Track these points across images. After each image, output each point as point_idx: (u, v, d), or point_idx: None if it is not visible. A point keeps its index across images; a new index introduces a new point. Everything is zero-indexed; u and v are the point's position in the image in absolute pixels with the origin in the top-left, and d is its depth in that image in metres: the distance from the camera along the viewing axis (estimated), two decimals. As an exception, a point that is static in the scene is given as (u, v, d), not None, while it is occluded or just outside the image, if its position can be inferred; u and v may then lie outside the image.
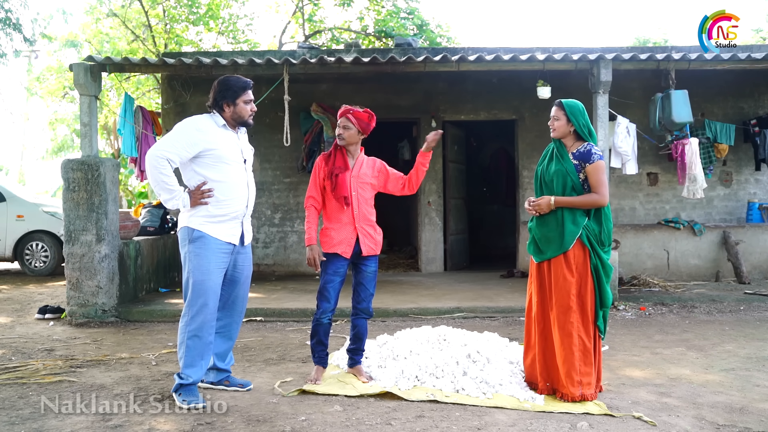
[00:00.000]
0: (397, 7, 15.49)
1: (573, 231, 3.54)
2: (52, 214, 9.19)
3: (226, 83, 3.64)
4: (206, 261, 3.53)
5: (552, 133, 3.69)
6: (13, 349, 4.89)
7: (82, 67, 6.32)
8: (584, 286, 3.55)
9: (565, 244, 3.54)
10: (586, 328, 3.53)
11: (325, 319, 3.90)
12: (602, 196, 3.54)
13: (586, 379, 3.51)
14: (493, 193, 12.24)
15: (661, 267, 8.04)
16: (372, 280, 3.96)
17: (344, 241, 3.85)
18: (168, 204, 3.54)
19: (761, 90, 8.83)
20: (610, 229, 3.63)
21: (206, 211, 3.55)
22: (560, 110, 3.65)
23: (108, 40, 15.71)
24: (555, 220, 3.60)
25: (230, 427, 3.20)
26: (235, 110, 3.63)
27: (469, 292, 7.17)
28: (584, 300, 3.54)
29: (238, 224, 3.67)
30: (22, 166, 24.09)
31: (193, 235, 3.55)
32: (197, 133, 3.54)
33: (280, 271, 8.84)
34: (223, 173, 3.57)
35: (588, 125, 3.64)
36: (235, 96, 3.61)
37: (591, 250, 3.55)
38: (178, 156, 3.49)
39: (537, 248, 3.70)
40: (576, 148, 3.63)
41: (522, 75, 7.67)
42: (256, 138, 8.72)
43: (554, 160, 3.68)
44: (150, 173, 3.50)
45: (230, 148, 3.62)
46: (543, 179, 3.72)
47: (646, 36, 20.92)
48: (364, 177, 3.91)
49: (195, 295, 3.53)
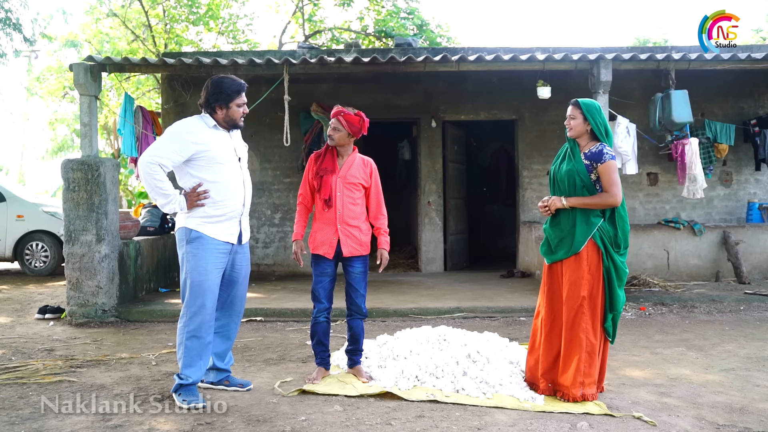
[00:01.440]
0: (397, 7, 15.49)
1: (585, 231, 3.52)
2: (52, 214, 9.19)
3: (220, 86, 3.61)
4: (204, 261, 3.53)
5: (568, 132, 3.66)
6: (13, 349, 4.89)
7: (82, 67, 6.32)
8: (596, 288, 3.53)
9: (576, 245, 3.53)
10: (595, 330, 3.53)
11: (321, 317, 3.90)
12: (614, 196, 3.51)
13: (588, 379, 3.51)
14: (493, 193, 12.25)
15: (661, 267, 8.04)
16: (361, 280, 3.95)
17: (326, 241, 3.87)
18: (165, 208, 3.54)
19: (761, 90, 8.83)
20: (626, 232, 3.59)
21: (203, 211, 3.54)
22: (577, 109, 3.63)
23: (108, 40, 15.71)
24: (568, 220, 3.59)
25: (230, 427, 3.20)
26: (227, 113, 3.62)
27: (469, 292, 7.16)
28: (595, 302, 3.53)
29: (236, 223, 3.67)
30: (22, 166, 24.10)
31: (191, 236, 3.55)
32: (188, 135, 3.53)
33: (280, 271, 8.84)
34: (218, 173, 3.56)
35: (605, 125, 3.62)
36: (229, 100, 3.60)
37: (605, 252, 3.53)
38: (170, 160, 3.48)
39: (549, 249, 3.69)
40: (589, 148, 3.61)
41: (522, 75, 7.67)
42: (256, 138, 8.75)
43: (566, 160, 3.67)
44: (144, 179, 3.51)
45: (223, 148, 3.61)
46: (556, 179, 3.71)
47: (646, 36, 20.92)
48: (352, 178, 3.89)
49: (193, 296, 3.53)
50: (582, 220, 3.54)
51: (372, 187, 3.98)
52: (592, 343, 3.51)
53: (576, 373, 3.49)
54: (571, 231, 3.56)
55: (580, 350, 3.49)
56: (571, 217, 3.58)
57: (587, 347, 3.50)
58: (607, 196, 3.53)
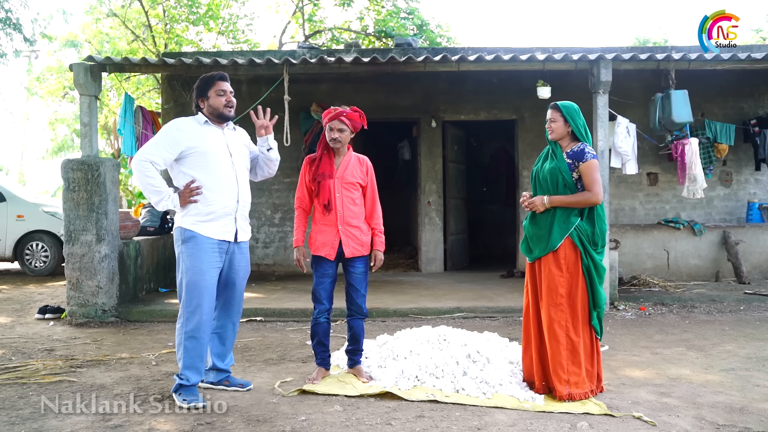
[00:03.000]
0: (397, 7, 15.49)
1: (562, 230, 3.56)
2: (52, 214, 9.19)
3: (198, 81, 3.68)
4: (199, 261, 3.52)
5: (550, 135, 3.71)
6: (13, 349, 4.89)
7: (82, 67, 6.32)
8: (575, 287, 3.56)
9: (552, 243, 3.56)
10: (576, 327, 3.54)
11: (322, 318, 3.90)
12: (595, 195, 3.55)
13: (574, 378, 3.52)
14: (493, 193, 12.25)
15: (661, 267, 8.04)
16: (362, 281, 3.94)
17: (327, 243, 3.86)
18: (158, 206, 3.53)
19: (761, 90, 8.82)
20: (603, 230, 3.64)
21: (197, 209, 3.54)
22: (557, 112, 3.67)
23: (108, 40, 15.71)
24: (546, 219, 3.63)
25: (230, 427, 3.20)
26: (208, 103, 3.64)
27: (469, 292, 7.17)
28: (575, 300, 3.55)
29: (231, 220, 3.64)
30: (22, 166, 24.09)
31: (185, 235, 3.55)
32: (177, 133, 3.57)
33: (280, 271, 8.83)
34: (209, 170, 3.57)
35: (585, 125, 3.69)
36: (207, 88, 3.64)
37: (582, 251, 3.56)
38: (161, 158, 3.50)
39: (528, 247, 3.74)
40: (570, 148, 3.67)
41: (522, 75, 7.67)
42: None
43: (549, 160, 3.72)
44: (137, 178, 3.53)
45: (214, 145, 3.61)
46: (538, 178, 3.75)
47: (646, 36, 20.92)
48: (350, 177, 3.89)
49: (189, 296, 3.52)
50: (560, 219, 3.58)
51: (369, 185, 3.98)
52: (573, 340, 3.53)
53: (559, 370, 3.51)
54: (548, 229, 3.59)
55: (560, 348, 3.52)
56: (549, 216, 3.62)
57: (567, 345, 3.52)
58: (589, 195, 3.56)
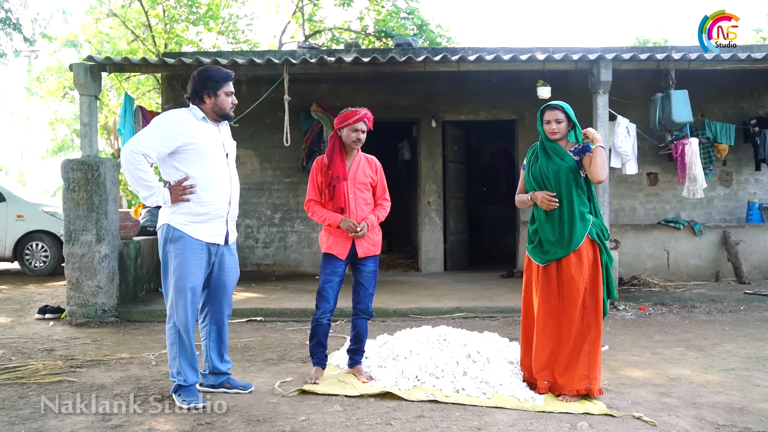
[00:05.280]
0: (397, 7, 15.49)
1: (583, 227, 3.58)
2: (52, 214, 9.19)
3: (207, 74, 3.50)
4: (187, 263, 3.42)
5: (553, 135, 3.66)
6: (13, 349, 4.89)
7: (82, 67, 6.32)
8: (596, 283, 3.58)
9: (575, 242, 3.56)
10: (598, 323, 3.58)
11: (324, 319, 3.90)
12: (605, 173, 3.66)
13: (593, 372, 3.55)
14: (493, 193, 12.25)
15: (661, 267, 8.04)
16: (371, 280, 3.95)
17: (340, 242, 3.86)
18: (147, 201, 3.39)
19: (761, 90, 8.82)
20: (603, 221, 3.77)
21: (188, 208, 3.41)
22: (562, 113, 3.66)
23: (108, 40, 15.72)
24: (562, 219, 3.61)
25: (230, 427, 3.20)
26: (216, 102, 3.50)
27: (469, 292, 7.17)
28: (597, 296, 3.58)
29: (222, 223, 3.54)
30: (22, 166, 24.10)
31: (173, 235, 3.42)
32: (175, 126, 3.38)
33: (280, 271, 8.83)
34: (204, 169, 3.44)
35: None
36: (217, 87, 3.48)
37: (600, 245, 3.60)
38: (154, 151, 3.33)
39: (542, 250, 3.68)
40: (572, 147, 3.69)
41: (522, 75, 7.67)
42: (255, 138, 8.76)
43: (550, 159, 3.68)
44: (126, 169, 3.31)
45: (211, 142, 3.49)
46: (537, 178, 3.71)
47: (646, 36, 20.91)
48: (362, 177, 3.91)
49: (176, 297, 3.46)
50: (578, 218, 3.59)
51: (378, 184, 4.01)
52: (597, 337, 3.57)
53: (581, 367, 3.53)
54: (569, 229, 3.59)
55: (588, 344, 3.54)
56: (564, 216, 3.61)
57: (595, 341, 3.55)
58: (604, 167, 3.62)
